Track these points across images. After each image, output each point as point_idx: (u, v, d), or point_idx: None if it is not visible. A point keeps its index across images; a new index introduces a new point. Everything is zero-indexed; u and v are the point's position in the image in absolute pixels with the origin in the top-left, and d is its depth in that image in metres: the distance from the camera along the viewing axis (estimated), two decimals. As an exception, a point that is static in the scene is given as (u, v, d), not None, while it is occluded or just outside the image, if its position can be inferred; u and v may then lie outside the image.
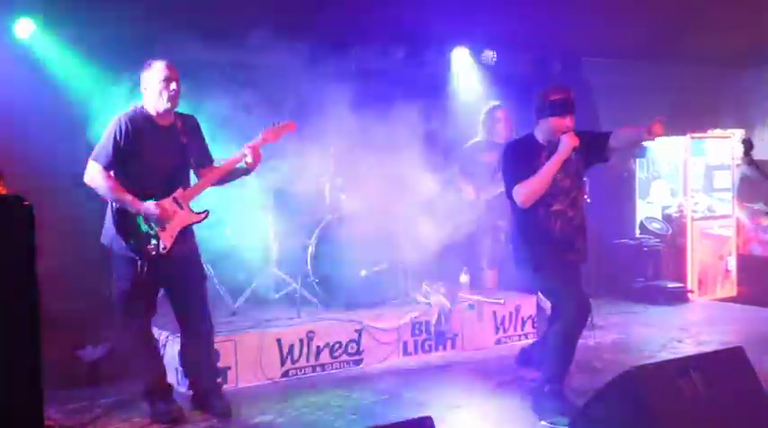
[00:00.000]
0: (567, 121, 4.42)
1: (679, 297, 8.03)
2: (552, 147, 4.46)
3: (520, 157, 4.51)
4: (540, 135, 4.54)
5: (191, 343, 4.59)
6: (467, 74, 7.75)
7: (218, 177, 4.51)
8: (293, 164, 6.40)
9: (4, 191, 3.90)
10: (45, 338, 2.34)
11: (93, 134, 4.80)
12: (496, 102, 6.75)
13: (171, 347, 4.97)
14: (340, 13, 6.13)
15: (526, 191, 4.36)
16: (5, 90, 5.37)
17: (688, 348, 5.94)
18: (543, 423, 4.23)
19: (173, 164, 4.36)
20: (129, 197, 4.22)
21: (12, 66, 5.49)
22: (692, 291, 8.22)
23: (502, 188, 4.86)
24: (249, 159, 4.46)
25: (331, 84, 6.05)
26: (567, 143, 4.36)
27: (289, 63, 6.20)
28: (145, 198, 4.25)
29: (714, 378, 3.82)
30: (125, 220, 4.26)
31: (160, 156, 4.32)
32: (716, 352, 4.20)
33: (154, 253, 4.25)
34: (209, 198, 4.70)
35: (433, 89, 7.46)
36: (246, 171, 4.56)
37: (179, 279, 4.46)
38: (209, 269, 6.08)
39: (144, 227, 4.26)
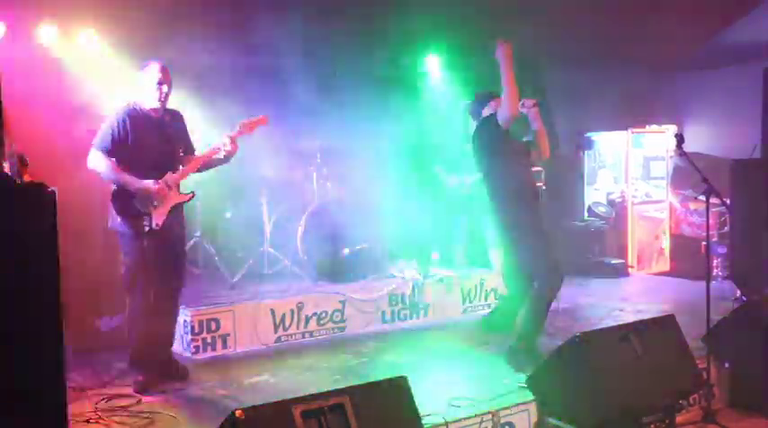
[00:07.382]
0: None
1: (621, 271, 8.09)
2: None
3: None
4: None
5: (156, 305, 4.37)
6: (436, 77, 7.68)
7: (201, 163, 4.44)
8: (285, 156, 6.39)
9: (28, 179, 3.82)
10: (66, 311, 2.32)
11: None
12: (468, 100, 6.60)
13: (179, 318, 4.94)
14: (325, 21, 6.05)
15: (507, 103, 4.46)
16: (29, 89, 5.28)
17: (628, 315, 5.97)
18: (505, 381, 4.25)
19: (162, 152, 4.33)
20: (129, 177, 4.22)
21: (34, 67, 5.38)
22: (631, 266, 8.30)
23: (477, 175, 4.88)
24: (228, 148, 4.35)
25: (318, 85, 6.02)
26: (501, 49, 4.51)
27: (281, 66, 6.15)
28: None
29: (650, 341, 3.90)
30: (122, 203, 4.24)
31: (151, 145, 4.30)
32: (652, 319, 4.26)
33: (147, 229, 4.24)
34: (211, 185, 4.66)
35: (405, 90, 7.37)
36: (225, 159, 4.45)
37: (165, 249, 4.35)
38: (210, 247, 6.09)
39: (138, 207, 4.23)
